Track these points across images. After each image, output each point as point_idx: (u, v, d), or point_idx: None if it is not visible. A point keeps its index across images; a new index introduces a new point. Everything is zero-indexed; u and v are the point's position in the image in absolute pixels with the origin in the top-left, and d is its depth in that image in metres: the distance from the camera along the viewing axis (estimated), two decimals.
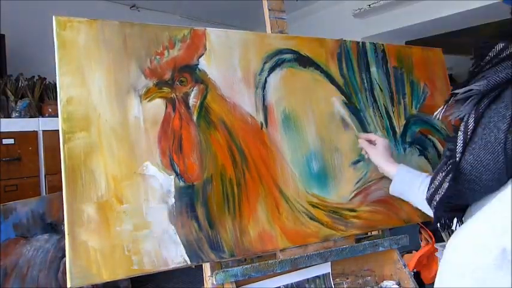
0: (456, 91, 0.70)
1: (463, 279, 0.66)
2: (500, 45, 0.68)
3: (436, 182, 0.73)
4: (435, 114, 0.78)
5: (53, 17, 0.90)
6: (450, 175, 0.69)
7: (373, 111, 1.30)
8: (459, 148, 0.67)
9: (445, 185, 0.70)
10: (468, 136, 0.66)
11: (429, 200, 0.76)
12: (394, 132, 1.32)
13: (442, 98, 1.45)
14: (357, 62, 1.30)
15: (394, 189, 1.14)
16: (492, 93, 0.64)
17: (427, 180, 0.99)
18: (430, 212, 0.93)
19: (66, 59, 0.90)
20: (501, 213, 0.63)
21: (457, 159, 0.67)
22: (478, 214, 0.68)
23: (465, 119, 0.67)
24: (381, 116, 1.31)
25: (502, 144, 0.61)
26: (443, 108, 0.75)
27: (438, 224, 0.78)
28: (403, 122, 1.35)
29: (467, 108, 0.67)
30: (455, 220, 0.76)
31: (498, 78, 0.64)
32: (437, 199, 0.73)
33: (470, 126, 0.65)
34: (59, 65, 0.89)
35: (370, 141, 1.20)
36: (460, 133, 0.67)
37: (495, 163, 0.62)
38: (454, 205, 0.73)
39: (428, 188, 0.76)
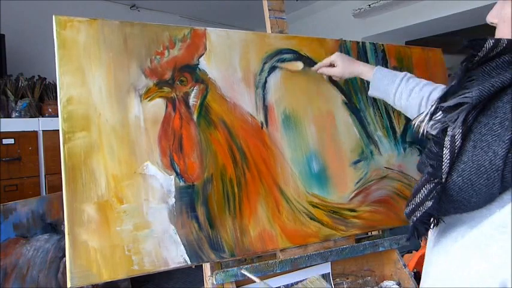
0: (445, 104, 0.61)
1: None
2: (490, 42, 0.59)
3: (417, 200, 0.64)
4: (414, 122, 0.68)
5: (53, 16, 0.90)
6: (434, 195, 0.60)
7: (373, 110, 1.30)
8: (445, 168, 0.59)
9: (428, 203, 0.62)
10: (455, 154, 0.58)
11: (408, 216, 0.68)
12: (394, 132, 1.32)
13: None
14: None
15: (373, 94, 1.09)
16: (480, 104, 0.57)
17: (402, 86, 0.99)
18: (410, 115, 0.94)
19: (67, 59, 0.90)
20: (498, 242, 0.55)
21: (443, 179, 0.59)
22: (468, 245, 0.60)
23: (449, 132, 0.59)
24: (381, 115, 1.31)
25: (499, 172, 0.53)
26: (427, 121, 0.65)
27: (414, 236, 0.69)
28: (403, 121, 1.35)
29: (458, 122, 0.58)
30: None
31: (492, 88, 0.56)
32: (418, 216, 0.65)
33: (458, 142, 0.57)
34: (59, 65, 0.89)
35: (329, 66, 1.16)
36: (445, 150, 0.59)
37: (489, 188, 0.55)
38: (437, 221, 0.66)
39: (408, 204, 0.67)
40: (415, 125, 0.68)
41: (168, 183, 0.94)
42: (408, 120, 1.36)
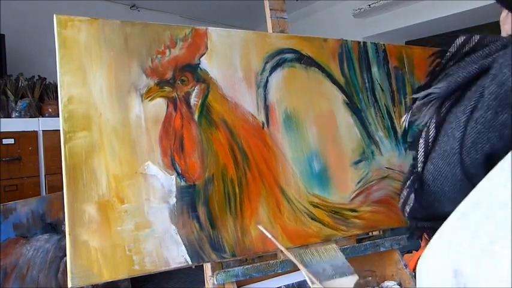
0: (416, 95, 0.64)
1: None
2: (461, 38, 0.62)
3: (404, 193, 0.66)
4: (401, 122, 0.72)
5: (54, 15, 0.90)
6: (415, 186, 0.62)
7: (374, 111, 1.30)
8: (420, 157, 0.61)
9: (412, 196, 0.64)
10: (429, 144, 0.60)
11: (402, 212, 0.70)
12: (395, 132, 1.32)
13: None
14: (358, 62, 1.30)
15: None
16: (453, 94, 0.58)
17: None
18: None
19: (67, 58, 0.90)
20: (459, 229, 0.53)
21: (419, 169, 0.61)
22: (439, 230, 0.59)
23: (427, 124, 0.61)
24: (382, 116, 1.31)
25: (457, 155, 0.54)
26: (407, 115, 0.68)
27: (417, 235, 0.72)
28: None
29: (429, 113, 0.61)
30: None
31: (459, 79, 0.58)
32: (408, 210, 0.66)
33: (431, 132, 0.60)
34: (60, 64, 0.89)
35: None
36: (421, 140, 0.62)
37: (453, 175, 0.56)
38: (428, 215, 0.66)
39: (399, 199, 0.69)
40: (401, 123, 0.68)
41: (169, 183, 0.94)
42: (409, 121, 1.36)
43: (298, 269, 1.09)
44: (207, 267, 1.00)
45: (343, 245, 1.13)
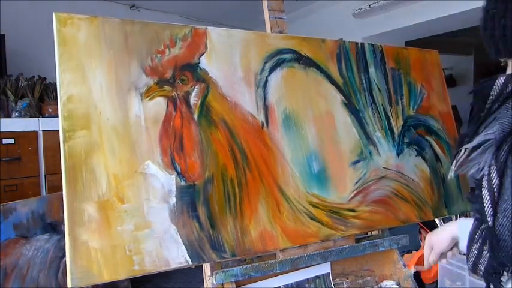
0: (467, 145, 0.61)
1: None
2: (501, 79, 0.59)
3: (475, 251, 0.62)
4: (449, 174, 0.67)
5: (53, 13, 0.89)
6: (487, 243, 0.59)
7: (372, 111, 1.30)
8: (488, 210, 0.57)
9: (485, 253, 0.60)
10: (495, 194, 0.56)
11: (473, 270, 0.65)
12: (393, 133, 1.33)
13: (438, 98, 1.46)
14: (356, 62, 1.31)
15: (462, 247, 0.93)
16: (510, 137, 0.56)
17: None
18: None
19: (66, 56, 0.89)
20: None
21: (490, 223, 0.58)
22: None
23: (486, 172, 0.58)
24: (380, 116, 1.31)
25: None
26: (455, 163, 0.65)
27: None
28: (401, 122, 1.35)
29: (487, 160, 0.57)
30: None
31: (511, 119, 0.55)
32: (482, 269, 0.62)
33: (495, 181, 0.56)
34: (59, 62, 0.89)
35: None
36: (484, 191, 0.58)
37: None
38: (505, 266, 0.61)
39: (468, 258, 0.65)
40: (450, 175, 0.69)
41: (169, 182, 0.94)
42: (406, 121, 1.36)
43: (297, 269, 1.09)
44: (206, 267, 1.00)
45: (341, 245, 1.14)
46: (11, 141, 2.39)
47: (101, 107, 0.91)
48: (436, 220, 1.71)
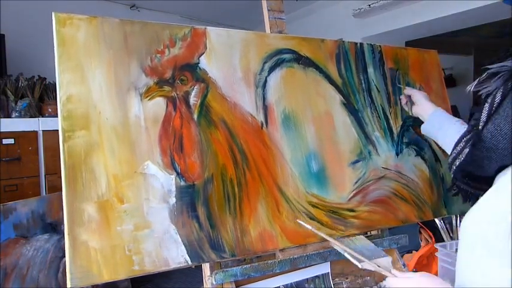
0: (489, 66, 0.74)
1: (473, 249, 0.67)
2: None
3: (458, 148, 0.78)
4: (468, 88, 0.84)
5: (52, 13, 0.89)
6: (471, 141, 0.74)
7: (371, 111, 1.30)
8: (483, 118, 0.71)
9: (466, 150, 0.75)
10: (493, 108, 0.70)
11: (450, 165, 0.81)
12: (392, 133, 1.33)
13: (437, 99, 1.46)
14: (355, 62, 1.31)
15: (426, 128, 1.20)
16: None
17: (459, 123, 1.10)
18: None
19: (66, 56, 0.89)
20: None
21: (480, 127, 0.71)
22: (496, 184, 0.70)
23: (493, 92, 0.71)
24: (379, 116, 1.32)
25: None
26: (474, 83, 0.79)
27: (457, 191, 0.83)
28: (400, 122, 1.35)
29: (497, 83, 0.71)
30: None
31: None
32: (457, 164, 0.78)
33: (497, 99, 0.69)
34: (59, 62, 0.89)
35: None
36: (486, 105, 0.71)
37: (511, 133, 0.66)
38: (473, 175, 0.77)
39: (450, 154, 0.81)
40: (468, 90, 0.83)
41: (169, 182, 0.94)
42: (405, 121, 1.36)
43: (296, 269, 1.09)
44: (206, 267, 1.00)
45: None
46: (11, 141, 2.40)
47: (101, 107, 0.91)
48: (436, 220, 1.72)
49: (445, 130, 1.12)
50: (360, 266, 0.88)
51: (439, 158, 1.40)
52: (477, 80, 0.78)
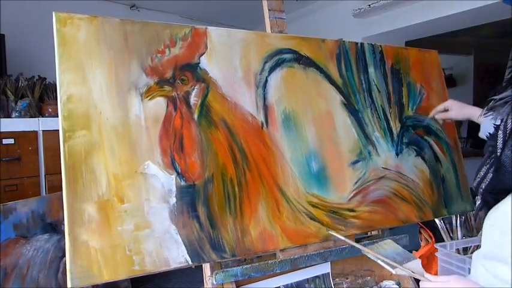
0: (494, 97, 0.83)
1: (506, 236, 0.72)
2: None
3: (481, 173, 0.84)
4: (478, 115, 0.94)
5: (53, 13, 0.89)
6: (493, 167, 0.80)
7: (371, 112, 1.30)
8: (499, 145, 0.78)
9: (489, 175, 0.82)
10: (507, 135, 0.77)
11: (476, 188, 0.87)
12: (391, 133, 1.33)
13: (437, 99, 1.46)
14: (356, 62, 1.31)
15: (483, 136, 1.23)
16: None
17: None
18: None
19: (66, 56, 0.89)
20: None
21: (498, 154, 0.78)
22: None
23: (504, 119, 0.79)
24: (379, 117, 1.31)
25: None
26: (483, 111, 0.89)
27: (485, 207, 0.88)
28: (400, 123, 1.35)
29: (506, 111, 0.79)
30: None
31: None
32: (483, 187, 0.84)
33: (509, 126, 0.77)
34: (59, 62, 0.88)
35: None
36: (499, 132, 0.78)
37: None
38: (496, 190, 0.82)
39: (475, 178, 0.87)
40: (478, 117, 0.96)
41: (169, 182, 0.94)
42: (405, 122, 1.36)
43: (297, 269, 1.09)
44: (206, 267, 1.00)
45: (341, 245, 1.14)
46: (11, 141, 2.39)
47: (101, 107, 0.91)
48: (436, 220, 1.71)
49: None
50: (394, 272, 0.91)
51: (439, 158, 1.40)
52: (485, 109, 0.89)
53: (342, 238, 1.04)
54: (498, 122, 0.84)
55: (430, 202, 1.33)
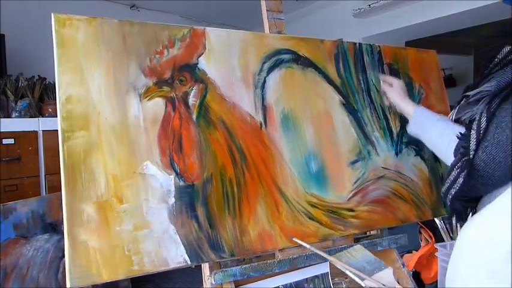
0: (468, 93, 0.75)
1: (476, 271, 0.64)
2: (507, 48, 0.72)
3: (451, 177, 0.76)
4: (449, 116, 0.82)
5: (52, 14, 0.90)
6: (465, 171, 0.72)
7: (370, 111, 1.30)
8: (472, 146, 0.71)
9: (460, 180, 0.74)
10: (481, 134, 0.69)
11: (445, 194, 0.80)
12: (391, 133, 1.33)
13: (436, 99, 1.46)
14: (354, 63, 1.31)
15: (411, 130, 1.17)
16: (502, 93, 0.69)
17: (441, 123, 1.03)
18: (443, 156, 0.96)
19: (65, 57, 0.90)
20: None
21: (471, 156, 0.71)
22: (492, 205, 0.67)
23: (477, 118, 0.71)
24: (378, 116, 1.32)
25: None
26: (455, 109, 0.80)
27: (454, 215, 0.83)
28: (400, 122, 1.35)
29: (480, 108, 0.71)
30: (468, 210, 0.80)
31: (507, 79, 0.69)
32: (453, 193, 0.76)
33: (483, 125, 0.69)
34: (58, 63, 0.89)
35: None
36: (472, 131, 0.71)
37: (507, 161, 0.65)
38: (468, 198, 0.77)
39: (444, 183, 0.79)
40: (450, 118, 0.83)
41: (168, 183, 0.94)
42: (404, 122, 1.36)
43: (295, 269, 1.09)
44: (205, 267, 1.00)
45: (340, 245, 1.14)
46: (11, 141, 2.40)
47: (100, 108, 0.91)
48: (436, 220, 1.71)
49: (428, 132, 1.08)
50: (363, 284, 0.86)
51: (438, 158, 1.40)
52: (456, 107, 0.80)
53: (308, 246, 1.01)
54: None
55: (429, 201, 1.33)
